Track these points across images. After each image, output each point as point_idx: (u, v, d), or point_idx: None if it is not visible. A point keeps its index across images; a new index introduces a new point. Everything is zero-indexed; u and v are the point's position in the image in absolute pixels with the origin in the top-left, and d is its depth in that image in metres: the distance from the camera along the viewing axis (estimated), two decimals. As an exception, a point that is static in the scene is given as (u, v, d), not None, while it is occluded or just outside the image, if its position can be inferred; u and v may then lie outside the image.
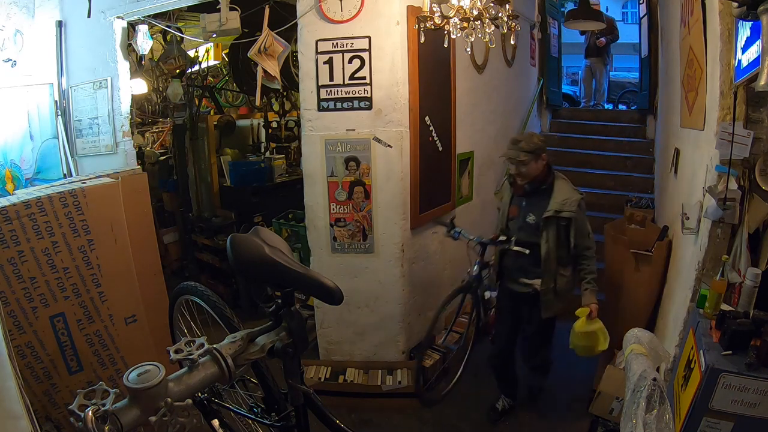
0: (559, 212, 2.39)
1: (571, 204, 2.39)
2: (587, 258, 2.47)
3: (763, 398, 1.35)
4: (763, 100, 1.80)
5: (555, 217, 2.40)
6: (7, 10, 3.44)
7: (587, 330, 2.42)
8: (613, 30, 6.76)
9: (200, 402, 1.81)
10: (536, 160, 2.40)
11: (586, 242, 2.46)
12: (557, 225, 2.42)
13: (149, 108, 5.26)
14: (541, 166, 2.43)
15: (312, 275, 1.47)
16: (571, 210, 2.38)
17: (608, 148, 5.55)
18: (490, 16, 2.09)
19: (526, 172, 2.42)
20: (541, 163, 2.42)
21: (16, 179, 3.62)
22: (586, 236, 2.46)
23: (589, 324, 2.42)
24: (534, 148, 2.38)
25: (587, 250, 2.47)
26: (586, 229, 2.46)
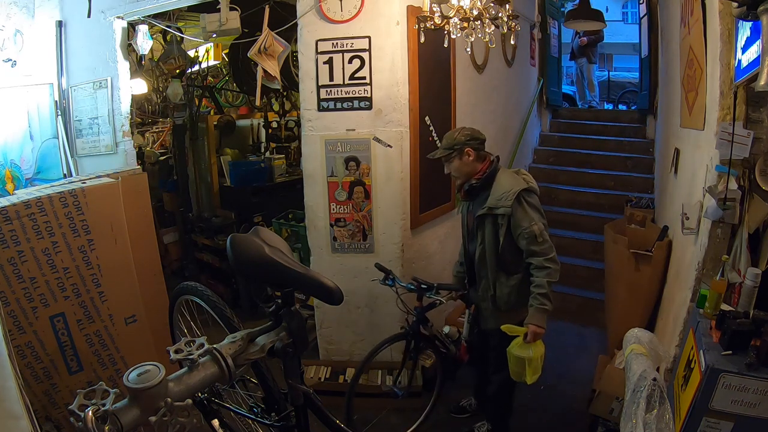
0: (493, 209, 2.11)
1: (507, 198, 2.08)
2: (535, 268, 2.08)
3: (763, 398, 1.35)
4: (763, 100, 1.80)
5: (489, 215, 2.13)
6: (7, 10, 3.44)
7: (517, 354, 2.09)
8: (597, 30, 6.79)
9: (200, 402, 1.81)
10: (459, 157, 2.18)
11: (530, 246, 2.07)
12: (494, 225, 2.13)
13: (149, 108, 5.26)
14: (470, 162, 2.19)
15: (312, 275, 1.47)
16: (505, 206, 2.07)
17: (608, 148, 5.55)
18: (490, 16, 2.10)
19: (454, 171, 2.22)
20: (467, 158, 2.18)
21: (16, 179, 3.62)
22: (529, 238, 2.06)
23: (522, 348, 2.09)
24: (452, 144, 2.18)
25: (534, 257, 2.08)
26: (529, 230, 2.06)
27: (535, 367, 2.09)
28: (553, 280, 2.07)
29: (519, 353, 2.08)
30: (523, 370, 2.10)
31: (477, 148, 2.18)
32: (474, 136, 2.20)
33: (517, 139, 4.92)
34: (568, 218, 4.75)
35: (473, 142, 2.18)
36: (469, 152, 2.17)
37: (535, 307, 2.07)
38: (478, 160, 2.19)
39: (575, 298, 3.98)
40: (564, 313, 3.91)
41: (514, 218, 2.08)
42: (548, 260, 2.06)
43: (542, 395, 2.90)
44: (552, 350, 3.39)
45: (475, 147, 2.18)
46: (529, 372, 2.09)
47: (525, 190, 2.10)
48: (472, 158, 2.18)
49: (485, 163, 2.20)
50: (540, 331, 2.07)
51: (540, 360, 2.10)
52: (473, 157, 2.18)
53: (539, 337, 2.08)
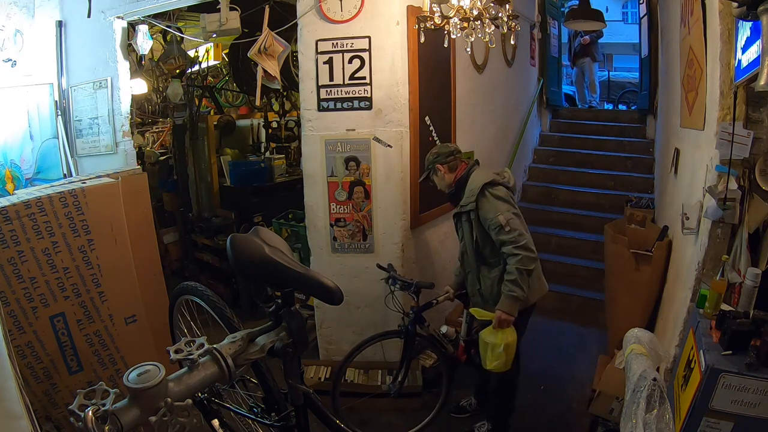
0: (463, 206, 2.25)
1: (472, 195, 2.20)
2: (507, 255, 2.12)
3: (763, 398, 1.35)
4: (763, 100, 1.80)
5: (462, 213, 2.29)
6: (7, 10, 3.44)
7: (485, 339, 2.12)
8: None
9: (200, 402, 1.81)
10: (435, 174, 2.37)
11: (498, 236, 2.13)
12: (468, 221, 2.28)
13: (149, 108, 5.26)
14: (444, 176, 2.35)
15: (312, 275, 1.47)
16: (471, 202, 2.20)
17: (608, 148, 5.55)
18: (490, 16, 2.10)
19: (439, 186, 2.41)
20: (441, 173, 2.35)
21: (16, 179, 3.62)
22: (497, 228, 2.12)
23: (491, 334, 2.11)
24: (426, 166, 2.40)
25: (504, 246, 2.12)
26: (494, 220, 2.12)
27: (497, 354, 2.07)
28: (524, 267, 2.09)
29: (486, 338, 2.10)
30: (485, 355, 2.11)
31: (445, 161, 2.33)
32: (440, 152, 2.36)
33: (517, 139, 4.92)
34: (568, 218, 4.75)
35: (440, 158, 2.34)
36: (439, 168, 2.34)
37: (505, 294, 2.12)
38: (450, 171, 2.34)
39: (575, 298, 3.98)
40: (564, 313, 3.91)
41: (481, 211, 2.18)
42: (518, 247, 2.09)
43: (542, 395, 2.90)
44: (552, 350, 3.41)
45: (443, 162, 2.33)
46: (489, 358, 2.09)
47: (487, 183, 2.18)
48: (444, 171, 2.34)
49: (459, 171, 2.34)
50: (506, 317, 2.10)
51: (504, 348, 2.06)
52: (444, 171, 2.34)
53: (506, 324, 2.11)
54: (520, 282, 2.09)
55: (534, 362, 3.25)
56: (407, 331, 2.52)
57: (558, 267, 4.30)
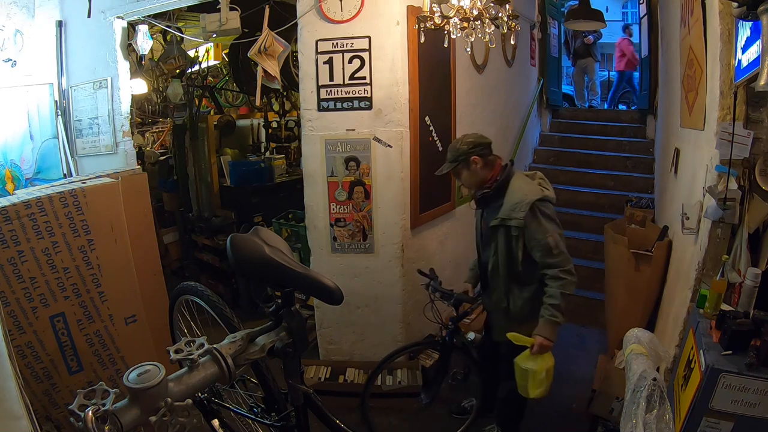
0: (507, 220, 2.00)
1: (520, 209, 1.97)
2: (550, 278, 1.97)
3: (763, 398, 1.35)
4: (763, 100, 1.81)
5: (503, 226, 2.02)
6: (7, 10, 3.44)
7: (524, 366, 1.98)
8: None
9: (200, 402, 1.81)
10: (467, 167, 2.09)
11: (545, 258, 1.96)
12: (507, 235, 2.03)
13: (149, 108, 5.26)
14: (478, 170, 2.09)
15: (312, 275, 1.47)
16: (518, 217, 1.97)
17: (608, 148, 5.55)
18: (490, 16, 2.09)
19: (465, 181, 2.15)
20: (475, 168, 2.08)
21: (16, 179, 3.62)
22: (544, 250, 1.96)
23: (528, 360, 1.97)
24: (456, 155, 2.09)
25: (549, 269, 1.97)
26: (543, 242, 1.95)
27: (539, 381, 1.96)
28: (567, 292, 1.96)
29: (524, 365, 1.97)
30: (526, 383, 1.99)
31: (482, 154, 2.07)
32: (477, 142, 2.09)
33: (517, 139, 4.92)
34: (568, 218, 4.74)
35: (477, 149, 2.07)
36: (475, 160, 2.07)
37: (546, 318, 1.97)
38: (486, 166, 2.09)
39: (575, 298, 3.91)
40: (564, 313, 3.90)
41: (528, 230, 1.97)
42: (564, 271, 1.95)
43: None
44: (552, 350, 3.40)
45: (480, 153, 2.07)
46: (531, 386, 1.97)
47: (540, 200, 1.98)
48: (480, 166, 2.08)
49: (495, 169, 2.09)
50: (547, 343, 1.96)
51: (546, 374, 1.95)
52: (481, 165, 2.08)
53: (546, 349, 1.97)
54: (562, 307, 1.96)
55: (534, 362, 3.25)
56: (445, 343, 2.41)
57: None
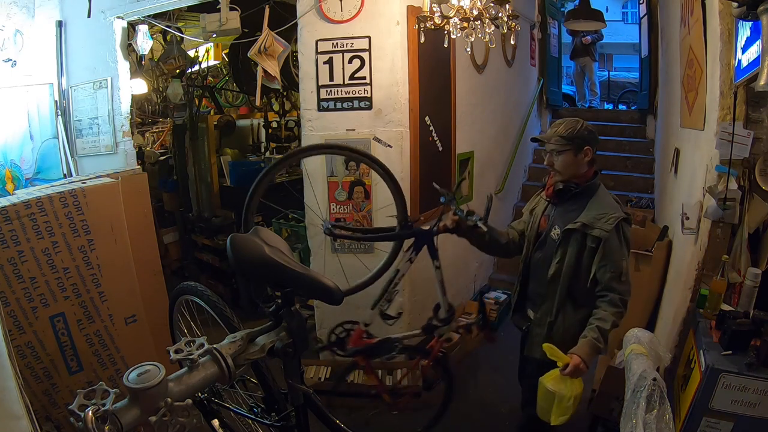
0: (588, 227, 1.79)
1: (606, 221, 1.77)
2: (607, 302, 1.77)
3: (763, 398, 1.35)
4: (763, 100, 1.81)
5: (580, 232, 1.81)
6: (7, 10, 3.44)
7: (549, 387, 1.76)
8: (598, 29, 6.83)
9: (200, 402, 1.81)
10: (575, 153, 1.84)
11: (612, 281, 1.77)
12: (581, 244, 1.81)
13: (149, 108, 5.26)
14: (582, 163, 1.86)
15: (312, 275, 1.47)
16: (604, 228, 1.77)
17: (608, 148, 5.54)
18: (490, 16, 2.10)
19: (560, 166, 1.87)
20: (582, 158, 1.85)
21: (16, 179, 3.62)
22: (614, 272, 1.77)
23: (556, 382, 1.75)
24: (574, 135, 1.83)
25: (610, 292, 1.77)
26: (618, 263, 1.77)
27: (565, 408, 1.75)
28: (617, 322, 1.78)
29: (551, 386, 1.75)
30: (550, 407, 1.77)
31: (595, 150, 1.89)
32: (596, 136, 1.92)
33: (517, 139, 4.92)
34: (568, 218, 4.74)
35: (594, 141, 1.89)
36: (587, 151, 1.85)
37: (588, 339, 1.74)
38: (591, 163, 1.89)
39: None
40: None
41: (607, 246, 1.77)
42: (623, 301, 1.79)
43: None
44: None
45: (594, 148, 1.89)
46: (556, 411, 1.76)
47: (626, 219, 1.83)
48: (588, 159, 1.86)
49: (591, 170, 1.91)
50: (583, 366, 1.72)
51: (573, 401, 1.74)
52: (589, 158, 1.87)
53: (580, 373, 1.73)
54: (608, 336, 1.78)
55: (534, 362, 3.25)
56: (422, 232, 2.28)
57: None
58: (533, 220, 2.04)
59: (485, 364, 3.27)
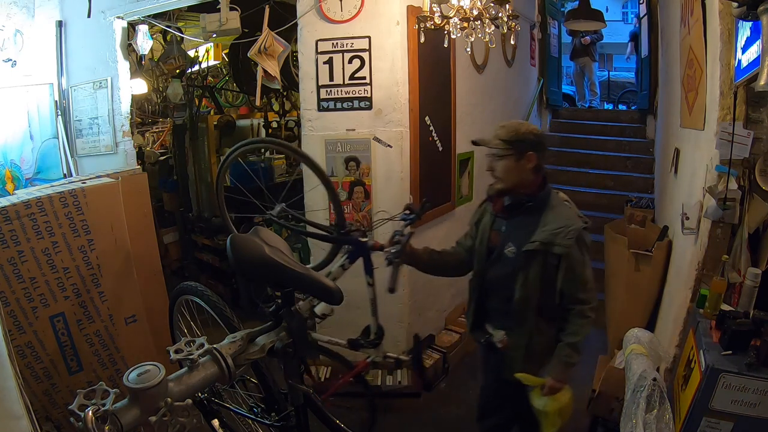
0: (548, 245, 1.67)
1: (566, 235, 1.65)
2: (575, 314, 1.71)
3: (763, 398, 1.35)
4: (763, 100, 1.81)
5: (542, 251, 1.68)
6: (7, 10, 3.44)
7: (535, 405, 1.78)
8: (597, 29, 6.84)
9: (200, 402, 1.81)
10: (517, 158, 1.69)
11: (578, 293, 1.70)
12: (544, 263, 1.69)
13: (149, 108, 5.26)
14: (526, 170, 1.70)
15: (312, 275, 1.47)
16: (564, 244, 1.65)
17: (608, 148, 5.55)
18: (490, 16, 2.10)
19: (501, 172, 1.73)
20: (525, 165, 1.69)
21: (16, 179, 3.62)
22: (579, 285, 1.70)
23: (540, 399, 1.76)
24: (515, 139, 1.69)
25: (577, 304, 1.71)
26: (582, 275, 1.70)
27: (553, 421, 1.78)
28: (588, 330, 1.73)
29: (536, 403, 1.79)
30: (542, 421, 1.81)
31: (540, 156, 1.72)
32: (543, 141, 1.76)
33: (517, 139, 4.92)
34: (568, 218, 4.75)
35: (540, 147, 1.72)
36: (530, 157, 1.69)
37: (560, 358, 1.71)
38: (536, 171, 1.71)
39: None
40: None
41: (569, 260, 1.67)
42: (591, 309, 1.72)
43: (542, 395, 2.90)
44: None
45: (539, 153, 1.72)
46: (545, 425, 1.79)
47: (585, 229, 1.73)
48: (531, 166, 1.70)
49: (539, 179, 1.74)
50: (558, 385, 1.71)
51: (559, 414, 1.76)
52: (533, 166, 1.70)
53: (557, 391, 1.73)
54: (580, 347, 1.73)
55: (534, 362, 3.25)
56: None
57: (558, 267, 4.30)
58: (481, 234, 1.87)
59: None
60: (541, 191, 1.74)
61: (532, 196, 1.73)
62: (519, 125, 1.77)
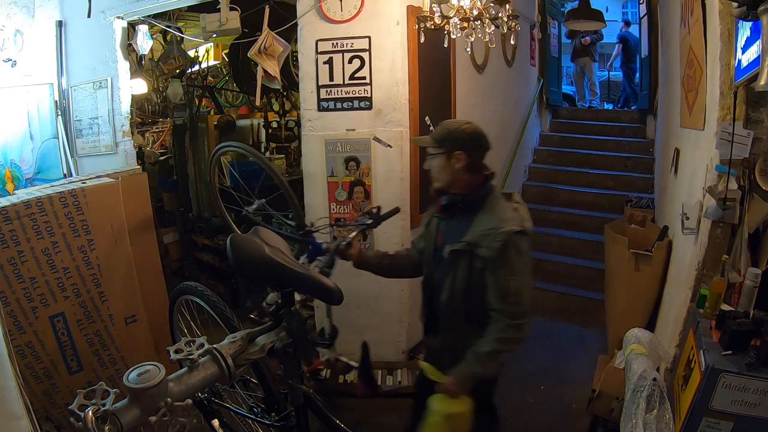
0: (475, 246, 1.59)
1: (494, 237, 1.56)
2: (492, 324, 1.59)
3: (763, 398, 1.35)
4: (763, 100, 1.81)
5: (468, 252, 1.61)
6: (7, 10, 3.44)
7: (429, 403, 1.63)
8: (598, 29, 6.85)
9: (200, 402, 1.81)
10: (447, 157, 1.64)
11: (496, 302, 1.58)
12: (470, 265, 1.62)
13: (149, 108, 5.26)
14: (456, 169, 1.64)
15: (312, 275, 1.47)
16: (490, 247, 1.56)
17: (608, 148, 5.56)
18: (490, 16, 2.10)
19: (434, 171, 1.69)
20: (455, 164, 1.64)
21: (16, 179, 3.62)
22: (498, 292, 1.58)
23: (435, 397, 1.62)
24: (444, 138, 1.66)
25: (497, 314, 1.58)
26: (504, 283, 1.57)
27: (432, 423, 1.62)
28: (502, 348, 1.59)
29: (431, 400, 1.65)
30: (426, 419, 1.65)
31: (472, 154, 1.66)
32: (474, 138, 1.69)
33: (517, 139, 4.92)
34: (567, 218, 4.75)
35: (469, 145, 1.66)
36: (458, 156, 1.64)
37: (465, 363, 1.60)
38: (468, 170, 1.66)
39: (575, 298, 3.98)
40: (564, 313, 3.91)
41: (493, 264, 1.58)
42: (512, 327, 1.57)
43: (542, 395, 2.90)
44: (552, 350, 3.41)
45: (469, 152, 1.66)
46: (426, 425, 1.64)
47: (519, 233, 1.59)
48: (461, 165, 1.64)
49: (477, 178, 1.68)
50: (453, 389, 1.59)
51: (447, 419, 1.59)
52: (462, 165, 1.64)
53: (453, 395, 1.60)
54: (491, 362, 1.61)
55: (534, 362, 3.25)
56: None
57: (558, 267, 4.30)
58: (429, 235, 1.82)
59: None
60: (478, 191, 1.67)
61: (466, 195, 1.67)
62: (451, 124, 1.75)
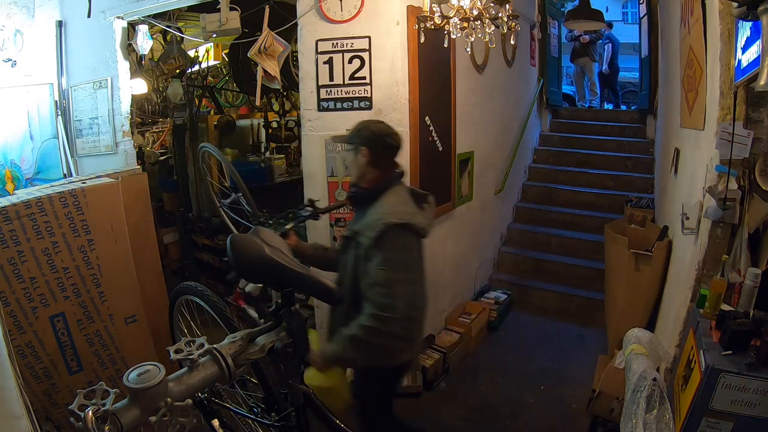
0: (357, 234, 1.69)
1: (374, 227, 1.62)
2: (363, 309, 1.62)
3: (763, 398, 1.35)
4: (763, 100, 1.81)
5: (353, 239, 1.71)
6: (7, 10, 3.44)
7: None
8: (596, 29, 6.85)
9: (200, 402, 1.81)
10: (355, 153, 1.79)
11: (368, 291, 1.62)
12: (356, 250, 1.69)
13: (149, 108, 5.26)
14: (361, 164, 1.78)
15: (312, 275, 1.47)
16: (367, 235, 1.63)
17: (608, 148, 5.56)
18: (490, 16, 2.10)
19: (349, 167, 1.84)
20: (360, 159, 1.77)
21: (16, 179, 3.62)
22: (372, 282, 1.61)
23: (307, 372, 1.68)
24: (354, 135, 1.81)
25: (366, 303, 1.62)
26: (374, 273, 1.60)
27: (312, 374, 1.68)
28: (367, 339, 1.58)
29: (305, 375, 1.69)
30: None
31: (375, 151, 1.77)
32: (381, 139, 1.78)
33: (517, 139, 4.92)
34: (567, 218, 4.75)
35: (372, 143, 1.77)
36: (364, 152, 1.77)
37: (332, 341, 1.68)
38: (372, 165, 1.78)
39: (575, 298, 3.98)
40: (564, 313, 3.91)
41: (368, 251, 1.64)
42: (375, 317, 1.57)
43: (542, 395, 2.90)
44: (552, 350, 3.42)
45: (372, 149, 1.77)
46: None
47: (399, 225, 1.63)
48: (365, 161, 1.77)
49: (383, 173, 1.80)
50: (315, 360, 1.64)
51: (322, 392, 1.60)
52: (366, 161, 1.77)
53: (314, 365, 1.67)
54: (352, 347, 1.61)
55: (534, 362, 3.26)
56: None
57: (558, 267, 4.31)
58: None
59: (485, 365, 3.28)
60: (380, 185, 1.78)
61: (366, 189, 1.80)
62: (363, 122, 1.87)
